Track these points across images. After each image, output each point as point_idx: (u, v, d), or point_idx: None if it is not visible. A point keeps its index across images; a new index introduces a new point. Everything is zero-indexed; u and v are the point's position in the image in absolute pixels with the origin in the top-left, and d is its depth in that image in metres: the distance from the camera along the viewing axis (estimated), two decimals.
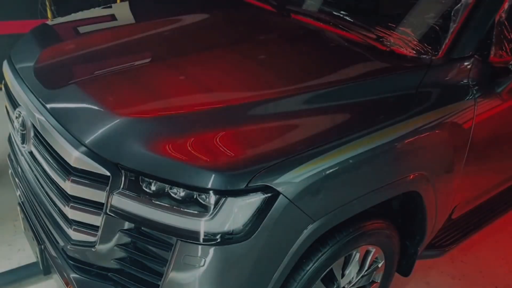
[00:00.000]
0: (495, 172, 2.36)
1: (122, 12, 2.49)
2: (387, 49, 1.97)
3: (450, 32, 1.95)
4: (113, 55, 1.89)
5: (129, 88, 1.64)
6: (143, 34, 2.08)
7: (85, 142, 1.46)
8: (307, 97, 1.62)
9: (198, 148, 1.39)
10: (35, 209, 1.89)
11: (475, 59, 1.94)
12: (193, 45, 1.99)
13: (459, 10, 1.98)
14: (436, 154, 1.84)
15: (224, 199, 1.32)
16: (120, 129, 1.46)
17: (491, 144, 2.12)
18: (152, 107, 1.55)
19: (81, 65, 1.83)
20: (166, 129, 1.46)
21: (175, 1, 2.69)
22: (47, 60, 1.89)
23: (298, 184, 1.40)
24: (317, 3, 2.45)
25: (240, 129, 1.47)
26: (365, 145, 1.55)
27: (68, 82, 1.69)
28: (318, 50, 2.03)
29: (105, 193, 1.43)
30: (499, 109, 2.03)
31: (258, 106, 1.56)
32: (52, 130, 1.57)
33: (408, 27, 2.04)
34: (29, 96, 1.75)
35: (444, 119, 1.80)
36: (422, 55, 1.92)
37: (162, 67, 1.79)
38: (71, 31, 2.27)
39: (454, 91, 1.89)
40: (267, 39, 2.09)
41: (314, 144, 1.46)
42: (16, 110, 1.80)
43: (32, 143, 1.74)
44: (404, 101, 1.73)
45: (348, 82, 1.72)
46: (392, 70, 1.83)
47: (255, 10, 2.46)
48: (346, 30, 2.11)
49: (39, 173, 1.73)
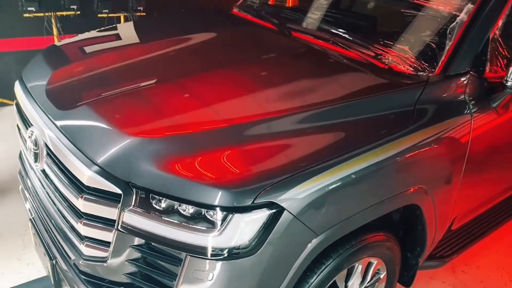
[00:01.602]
0: (493, 183, 2.41)
1: (127, 33, 2.58)
2: (385, 67, 2.04)
3: (446, 49, 2.02)
4: (122, 76, 1.96)
5: (138, 109, 1.71)
6: (149, 54, 2.15)
7: (98, 162, 1.52)
8: (309, 115, 1.69)
9: (205, 166, 1.46)
10: (46, 225, 1.95)
11: (471, 75, 2.01)
12: (198, 65, 2.06)
13: (454, 28, 2.06)
14: (435, 168, 1.90)
15: (231, 215, 1.39)
16: (130, 148, 1.52)
17: (488, 157, 2.18)
18: (160, 127, 1.62)
19: (91, 86, 1.90)
20: (175, 149, 1.53)
21: (178, 21, 2.78)
22: (58, 81, 1.96)
23: (302, 200, 1.46)
24: (317, 21, 2.53)
25: (246, 147, 1.54)
26: (365, 161, 1.61)
27: (79, 103, 1.76)
28: (319, 68, 2.10)
29: (117, 210, 1.49)
30: (495, 123, 2.09)
31: (262, 125, 1.62)
32: (64, 149, 1.64)
33: (405, 44, 2.12)
34: (41, 116, 1.82)
35: (442, 134, 1.86)
36: (419, 72, 1.99)
37: (168, 87, 1.86)
38: (79, 52, 2.35)
39: (451, 106, 1.95)
40: (269, 58, 2.17)
41: (316, 161, 1.53)
42: (29, 130, 1.87)
43: (44, 162, 1.80)
44: (403, 118, 1.79)
45: (349, 100, 1.78)
46: (391, 88, 1.90)
47: (257, 29, 2.54)
48: (346, 48, 2.18)
49: (52, 190, 1.79)
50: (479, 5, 2.07)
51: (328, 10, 2.58)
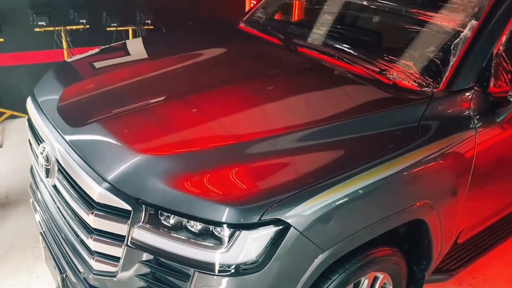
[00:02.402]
0: (498, 197, 2.42)
1: (136, 49, 2.63)
2: (390, 82, 2.07)
3: (450, 65, 2.05)
4: (132, 93, 2.01)
5: (147, 126, 1.75)
6: (158, 71, 2.20)
7: (108, 179, 1.56)
8: (315, 132, 1.72)
9: (213, 184, 1.49)
10: (56, 239, 1.98)
11: (475, 90, 2.03)
12: (206, 82, 2.10)
13: (458, 43, 2.08)
14: (440, 183, 1.92)
15: (238, 232, 1.41)
16: (140, 166, 1.56)
17: (493, 171, 2.19)
18: (169, 145, 1.65)
19: (102, 103, 1.95)
20: (183, 166, 1.56)
21: (186, 37, 2.83)
22: (69, 98, 2.01)
23: (308, 217, 1.49)
24: (322, 37, 2.57)
25: (253, 164, 1.57)
26: (371, 178, 1.63)
27: (90, 120, 1.80)
28: (324, 84, 2.13)
29: (127, 226, 1.52)
30: (500, 138, 2.10)
31: (268, 142, 1.65)
32: (75, 165, 1.68)
33: (410, 60, 2.15)
34: (53, 132, 1.86)
35: (447, 150, 1.88)
36: (424, 88, 2.02)
37: (177, 104, 1.90)
38: (90, 68, 2.41)
39: (456, 122, 1.97)
40: (276, 74, 2.21)
41: (322, 178, 1.55)
42: (41, 146, 1.91)
43: (56, 177, 1.84)
44: (407, 134, 1.81)
45: (355, 117, 1.81)
46: (395, 104, 1.92)
47: (264, 45, 2.58)
48: (351, 63, 2.21)
49: (62, 205, 1.83)
50: (482, 21, 2.09)
51: (333, 25, 2.62)
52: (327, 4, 2.75)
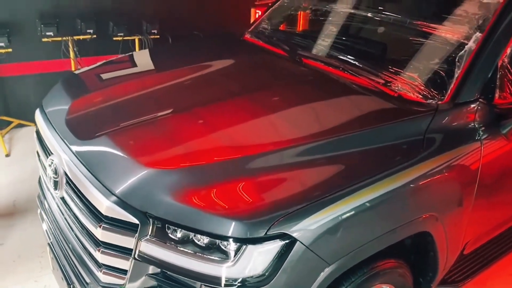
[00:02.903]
0: (504, 208, 2.41)
1: (143, 61, 2.66)
2: (395, 94, 2.08)
3: (455, 77, 2.05)
4: (139, 106, 2.03)
5: (155, 139, 1.77)
6: (165, 83, 2.23)
7: (116, 192, 1.58)
8: (321, 145, 1.73)
9: (219, 198, 1.50)
10: (64, 250, 2.00)
11: (480, 102, 2.03)
12: (212, 94, 2.12)
13: (463, 56, 2.09)
14: (445, 195, 1.92)
15: (245, 246, 1.42)
16: (147, 180, 1.58)
17: (499, 183, 2.19)
18: (176, 158, 1.67)
19: (110, 116, 1.97)
20: (189, 180, 1.58)
21: (193, 49, 2.86)
22: (78, 111, 2.04)
23: (314, 231, 1.49)
24: (327, 48, 2.58)
25: (259, 178, 1.58)
26: (376, 191, 1.64)
27: (98, 133, 1.83)
28: (330, 97, 2.15)
29: (134, 239, 1.54)
30: (505, 150, 2.10)
31: (274, 155, 1.67)
32: (83, 179, 1.70)
33: (415, 72, 2.16)
34: (61, 145, 1.89)
35: (452, 162, 1.89)
36: (428, 100, 2.02)
37: (184, 117, 1.92)
38: (98, 81, 2.44)
39: (461, 134, 1.97)
40: (281, 87, 2.22)
41: (329, 192, 1.56)
42: (49, 159, 1.94)
43: (64, 190, 1.86)
44: (412, 147, 1.82)
45: (360, 130, 1.82)
46: (401, 116, 1.93)
47: (269, 56, 2.60)
48: (356, 75, 2.23)
49: (70, 217, 1.85)
50: (487, 34, 2.10)
51: (338, 36, 2.63)
52: (332, 16, 2.76)
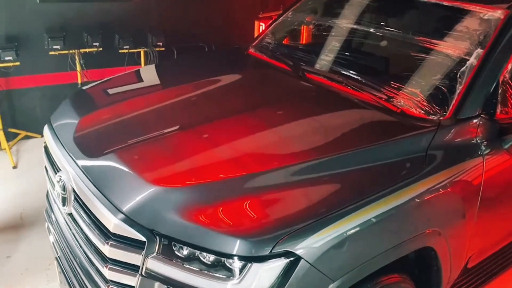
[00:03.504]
0: (507, 222, 2.42)
1: (150, 78, 2.70)
2: (397, 110, 2.11)
3: (457, 93, 2.08)
4: (146, 123, 2.07)
5: (161, 157, 1.81)
6: (172, 100, 2.27)
7: (123, 210, 1.61)
8: (325, 162, 1.75)
9: (224, 216, 1.53)
10: (71, 265, 2.03)
11: (482, 117, 2.05)
12: (218, 111, 2.16)
13: (464, 71, 2.12)
14: (448, 211, 1.94)
15: (250, 264, 1.45)
16: (154, 197, 1.61)
17: (501, 197, 2.20)
18: (182, 176, 1.70)
19: (117, 133, 2.01)
20: (195, 198, 1.61)
21: (198, 64, 2.90)
22: (86, 128, 2.08)
23: (318, 248, 1.52)
24: (329, 63, 2.62)
25: (263, 196, 1.61)
26: (379, 208, 1.66)
27: (106, 150, 1.86)
28: (333, 113, 2.18)
29: (141, 256, 1.57)
30: (507, 165, 2.12)
31: (279, 173, 1.69)
32: (91, 196, 1.74)
33: (417, 87, 2.18)
34: (70, 162, 1.92)
35: (454, 178, 1.91)
36: (431, 116, 2.05)
37: (190, 134, 1.95)
38: (105, 97, 2.48)
39: (463, 150, 1.99)
40: (285, 102, 2.25)
41: (333, 209, 1.58)
42: (57, 175, 1.97)
43: (72, 206, 1.90)
44: (415, 163, 1.84)
45: (363, 147, 1.84)
46: (403, 132, 1.95)
47: (273, 72, 2.64)
48: (359, 90, 2.26)
49: (78, 233, 1.89)
50: (488, 50, 2.13)
51: (340, 51, 2.66)
52: (335, 31, 2.80)
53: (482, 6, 2.29)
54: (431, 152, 1.89)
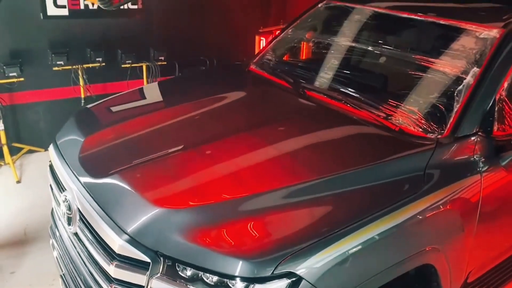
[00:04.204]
0: (505, 238, 2.45)
1: (153, 97, 2.75)
2: (396, 128, 2.14)
3: (454, 111, 2.12)
4: (150, 142, 2.11)
5: (165, 178, 1.84)
6: (175, 119, 2.31)
7: (127, 231, 1.65)
8: (325, 182, 1.79)
9: (227, 237, 1.57)
10: (76, 283, 2.06)
11: (479, 135, 2.09)
12: (220, 130, 2.20)
13: (461, 90, 2.16)
14: (447, 228, 1.97)
15: (252, 285, 1.48)
16: (158, 219, 1.65)
17: (499, 214, 2.23)
18: (185, 197, 1.73)
19: (122, 153, 2.05)
20: (198, 219, 1.64)
21: (200, 82, 2.95)
22: (91, 148, 2.12)
23: (320, 268, 1.55)
24: (329, 80, 2.66)
25: (265, 217, 1.64)
26: (379, 227, 1.69)
27: (110, 171, 1.90)
28: (333, 132, 2.22)
29: (146, 277, 1.60)
30: (505, 181, 2.15)
31: (280, 193, 1.73)
32: (97, 216, 1.77)
33: (415, 106, 2.22)
34: (75, 182, 1.96)
35: (453, 196, 1.94)
36: (429, 134, 2.09)
37: (193, 155, 1.99)
38: (110, 116, 2.53)
39: (461, 167, 2.03)
40: (286, 121, 2.29)
41: (334, 229, 1.62)
42: (63, 195, 2.01)
43: (77, 226, 1.93)
44: (414, 182, 1.87)
45: (363, 166, 1.88)
46: (402, 151, 1.99)
47: (274, 89, 2.68)
48: (358, 108, 2.30)
49: (83, 252, 1.92)
50: (484, 69, 2.17)
51: (339, 69, 2.71)
52: (334, 48, 2.85)
53: (478, 25, 2.34)
54: (430, 171, 1.93)
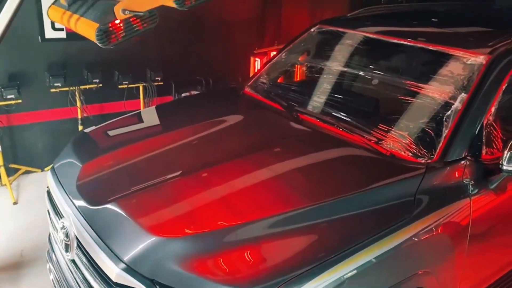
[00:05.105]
0: (496, 258, 2.49)
1: (149, 121, 2.81)
2: (387, 153, 2.20)
3: (443, 136, 2.18)
4: (147, 169, 2.15)
5: (161, 206, 1.88)
6: (172, 144, 2.36)
7: (124, 260, 1.68)
8: (319, 209, 1.83)
9: (223, 266, 1.61)
10: None
11: (468, 160, 2.14)
12: (216, 156, 2.24)
13: (450, 115, 2.22)
14: (438, 251, 2.01)
15: None
16: (154, 248, 1.68)
17: (489, 236, 2.27)
18: (181, 225, 1.77)
19: (119, 180, 2.09)
20: (194, 248, 1.68)
21: (196, 106, 3.01)
22: (88, 175, 2.16)
23: None
24: (321, 104, 2.72)
25: (260, 245, 1.68)
26: (369, 254, 1.73)
27: (108, 198, 1.94)
28: (326, 158, 2.27)
29: None
30: (494, 205, 2.20)
31: (275, 221, 1.77)
32: (93, 244, 1.81)
33: (405, 130, 2.28)
34: (72, 209, 2.00)
35: (443, 220, 1.98)
36: (419, 158, 2.14)
37: (188, 182, 2.03)
38: (107, 142, 2.57)
39: (450, 192, 2.07)
40: (280, 146, 2.34)
41: (328, 255, 1.66)
42: (60, 222, 2.04)
43: (75, 253, 1.96)
44: (405, 207, 1.91)
45: (355, 192, 1.92)
46: (393, 176, 2.03)
47: (268, 112, 2.74)
48: (350, 132, 2.35)
49: (80, 279, 1.94)
50: (472, 94, 2.24)
51: (332, 93, 2.76)
52: (326, 73, 2.92)
53: (465, 51, 2.42)
54: (420, 196, 1.97)
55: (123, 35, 1.97)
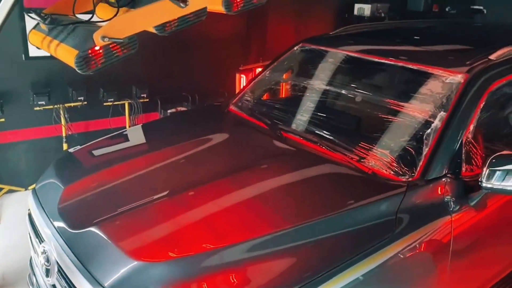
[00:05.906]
0: (478, 274, 2.50)
1: (134, 141, 2.80)
2: (369, 171, 2.22)
3: (423, 154, 2.21)
4: (129, 191, 2.15)
5: (142, 229, 1.87)
6: (156, 165, 2.36)
7: (105, 285, 1.66)
8: (302, 230, 1.84)
9: None
10: None
11: (448, 177, 2.18)
12: (201, 176, 2.24)
13: (430, 134, 2.26)
14: (419, 269, 2.03)
15: None
16: (135, 272, 1.67)
17: (470, 252, 2.28)
18: (164, 249, 1.76)
19: (101, 204, 2.08)
20: (176, 272, 1.67)
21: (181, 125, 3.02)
22: (70, 198, 2.14)
23: None
24: (305, 123, 2.74)
25: (245, 267, 1.69)
26: (353, 274, 1.75)
27: (89, 222, 1.92)
28: (309, 177, 2.28)
29: None
30: (474, 221, 2.22)
31: (259, 243, 1.77)
32: (74, 269, 1.79)
33: (386, 149, 2.31)
34: (53, 233, 1.98)
35: (424, 238, 2.00)
36: (400, 176, 2.17)
37: (171, 204, 2.03)
38: (90, 163, 2.56)
39: (431, 210, 2.10)
40: (264, 165, 2.36)
41: (313, 276, 1.67)
42: (41, 246, 2.02)
43: (55, 278, 1.94)
44: (387, 226, 1.93)
45: (336, 212, 1.93)
46: (374, 195, 2.05)
47: (252, 130, 2.76)
48: (332, 150, 2.38)
49: None
50: (450, 113, 2.28)
51: (315, 111, 2.80)
52: (309, 91, 2.95)
53: (444, 70, 2.46)
54: (401, 215, 1.99)
55: (103, 61, 1.98)
